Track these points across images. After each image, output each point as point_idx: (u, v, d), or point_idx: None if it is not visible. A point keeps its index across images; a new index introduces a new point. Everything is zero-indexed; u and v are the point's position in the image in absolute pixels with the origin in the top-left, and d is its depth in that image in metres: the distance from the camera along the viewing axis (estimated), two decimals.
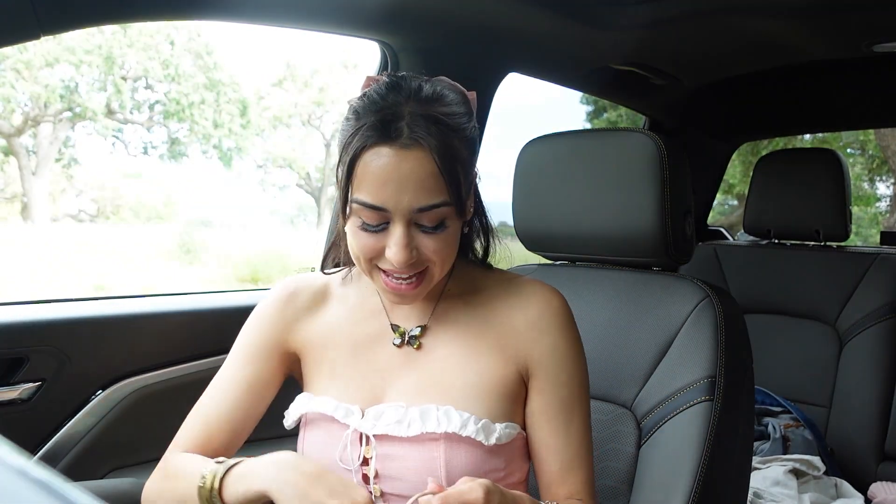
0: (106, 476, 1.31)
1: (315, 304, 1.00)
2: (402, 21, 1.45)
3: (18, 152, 10.55)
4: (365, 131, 0.82)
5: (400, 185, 0.81)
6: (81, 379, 1.28)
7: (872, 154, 9.59)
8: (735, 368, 1.07)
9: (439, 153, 0.82)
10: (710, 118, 2.52)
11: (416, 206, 0.82)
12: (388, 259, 0.84)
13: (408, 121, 0.82)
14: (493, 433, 0.87)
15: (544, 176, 1.25)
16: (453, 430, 0.86)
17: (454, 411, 0.87)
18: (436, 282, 0.90)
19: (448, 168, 0.82)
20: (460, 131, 0.86)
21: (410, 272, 0.86)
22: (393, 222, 0.83)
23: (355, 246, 0.87)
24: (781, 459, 1.82)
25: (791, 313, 2.17)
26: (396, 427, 0.88)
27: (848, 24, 1.68)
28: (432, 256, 0.85)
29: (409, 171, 0.81)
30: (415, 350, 0.94)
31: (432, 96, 0.85)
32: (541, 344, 0.93)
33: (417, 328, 0.95)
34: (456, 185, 0.84)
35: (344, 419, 0.90)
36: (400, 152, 0.81)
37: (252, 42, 19.80)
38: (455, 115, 0.85)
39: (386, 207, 0.82)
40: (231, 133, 11.60)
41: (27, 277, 8.22)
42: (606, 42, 1.69)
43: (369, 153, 0.82)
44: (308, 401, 0.94)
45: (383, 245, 0.84)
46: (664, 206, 1.11)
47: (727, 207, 9.98)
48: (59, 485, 0.29)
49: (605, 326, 1.17)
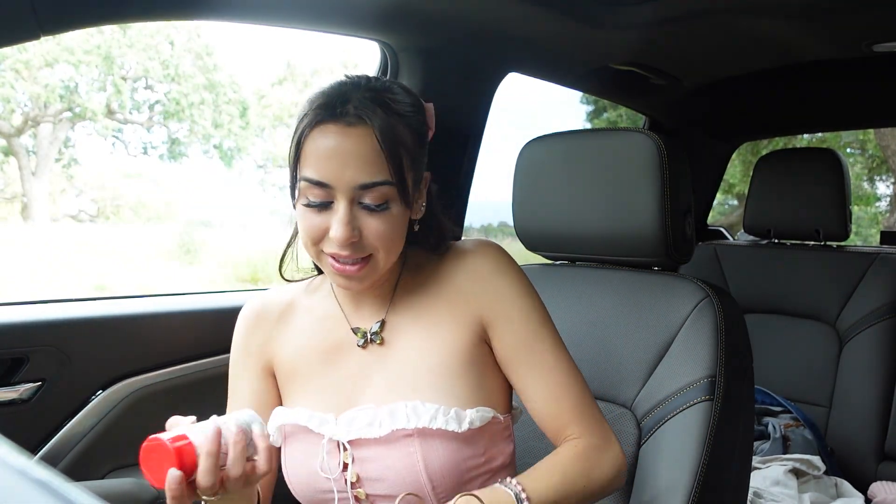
0: (106, 476, 1.31)
1: (282, 319, 1.01)
2: (402, 21, 1.45)
3: (18, 152, 10.54)
4: (313, 111, 0.85)
5: (343, 160, 0.83)
6: (81, 379, 1.28)
7: (872, 154, 9.58)
8: (735, 368, 1.07)
9: (382, 131, 0.84)
10: (710, 118, 2.52)
11: (358, 182, 0.83)
12: (331, 238, 0.85)
13: (355, 102, 0.85)
14: (464, 419, 0.87)
15: (544, 176, 1.25)
16: (423, 425, 0.86)
17: (422, 405, 0.87)
18: (382, 270, 0.90)
19: (390, 148, 0.84)
20: (406, 117, 0.88)
21: (354, 255, 0.86)
22: (336, 200, 0.84)
23: (302, 228, 0.88)
24: (781, 459, 1.82)
25: (791, 313, 2.17)
26: (368, 429, 0.88)
27: (848, 24, 1.68)
28: (375, 241, 0.86)
29: (351, 146, 0.83)
30: (379, 347, 0.95)
31: (381, 87, 0.88)
32: (486, 293, 0.93)
33: (377, 324, 0.95)
34: (398, 166, 0.85)
35: (318, 428, 0.91)
36: (345, 129, 0.84)
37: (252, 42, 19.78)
38: (402, 104, 0.88)
39: (329, 183, 0.83)
40: (231, 133, 11.60)
41: (27, 277, 8.22)
42: (606, 42, 1.69)
43: (316, 131, 0.85)
44: (283, 413, 0.95)
45: (327, 226, 0.85)
46: (664, 206, 1.11)
47: (727, 207, 9.97)
48: (59, 485, 0.29)
49: (605, 326, 1.17)
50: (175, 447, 0.71)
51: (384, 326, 0.96)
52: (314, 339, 0.97)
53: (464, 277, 0.95)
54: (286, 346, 0.99)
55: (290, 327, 1.00)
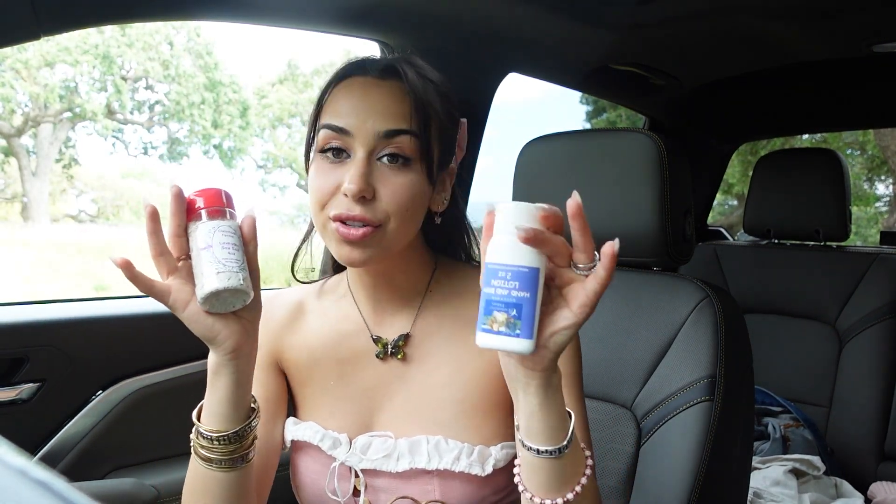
0: (106, 476, 1.31)
1: (292, 320, 0.95)
2: (402, 21, 1.45)
3: (18, 152, 10.55)
4: (340, 69, 0.83)
5: (367, 109, 0.79)
6: (81, 379, 1.28)
7: (872, 154, 9.59)
8: (735, 368, 1.07)
9: (414, 88, 0.80)
10: (710, 118, 2.52)
11: (380, 130, 0.78)
12: (342, 194, 0.78)
13: (386, 61, 0.82)
14: (488, 460, 0.82)
15: (544, 176, 1.25)
16: (445, 466, 0.81)
17: (444, 442, 0.82)
18: (389, 246, 0.81)
19: (417, 101, 0.80)
20: (438, 86, 0.84)
21: (363, 215, 0.77)
22: (354, 151, 0.79)
23: (313, 188, 0.81)
24: (781, 459, 1.82)
25: (791, 313, 2.17)
26: (385, 462, 0.84)
27: (848, 24, 1.68)
28: (388, 205, 0.78)
29: (377, 97, 0.79)
30: (400, 362, 0.88)
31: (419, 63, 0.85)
32: None
33: (399, 337, 0.88)
34: (424, 121, 0.80)
35: (330, 451, 0.87)
36: (373, 80, 0.81)
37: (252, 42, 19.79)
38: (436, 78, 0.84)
39: (349, 129, 0.78)
40: (231, 134, 11.61)
41: (27, 277, 8.22)
42: (606, 42, 1.69)
43: (342, 84, 0.82)
44: (294, 427, 0.91)
45: (340, 183, 0.78)
46: (664, 206, 1.11)
47: (727, 207, 9.98)
48: (60, 485, 0.29)
49: (605, 326, 1.17)
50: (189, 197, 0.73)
51: (408, 341, 0.89)
52: (329, 345, 0.91)
53: None
54: (298, 350, 0.93)
55: (300, 330, 0.94)
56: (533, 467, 0.70)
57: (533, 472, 0.70)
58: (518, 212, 0.62)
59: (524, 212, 0.62)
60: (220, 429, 0.76)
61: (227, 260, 0.70)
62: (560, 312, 0.63)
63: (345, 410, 0.89)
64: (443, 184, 0.87)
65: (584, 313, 0.63)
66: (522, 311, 0.60)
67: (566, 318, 0.63)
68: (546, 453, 0.68)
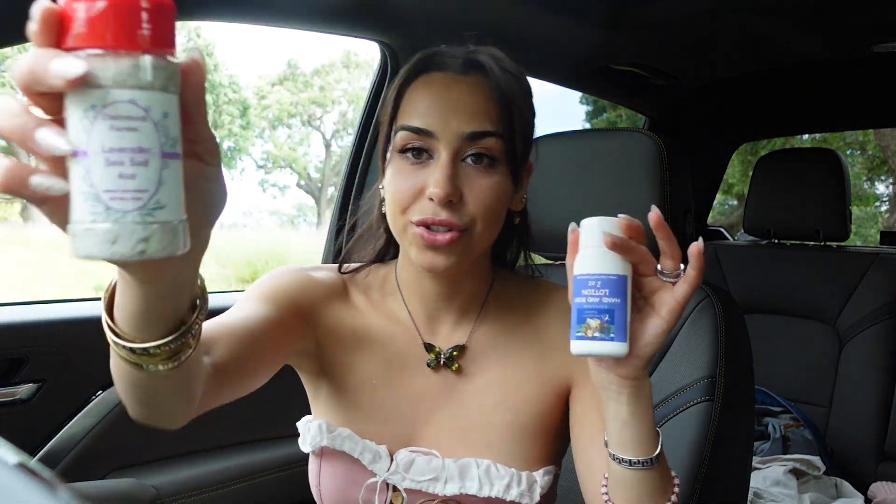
0: (106, 476, 1.31)
1: (340, 293, 0.85)
2: (402, 21, 1.45)
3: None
4: (415, 62, 0.79)
5: (449, 108, 0.74)
6: (81, 379, 1.28)
7: (872, 154, 9.59)
8: (735, 368, 1.07)
9: (498, 84, 0.76)
10: (710, 118, 2.52)
11: (465, 131, 0.73)
12: (427, 197, 0.73)
13: (466, 55, 0.77)
14: (534, 486, 0.79)
15: (544, 176, 1.24)
16: (497, 495, 0.78)
17: (495, 468, 0.79)
18: (474, 252, 0.77)
19: (501, 99, 0.75)
20: (520, 80, 0.79)
21: (450, 220, 0.73)
22: (438, 153, 0.74)
23: (393, 191, 0.76)
24: (781, 459, 1.82)
25: (791, 313, 2.17)
26: (432, 484, 0.80)
27: (848, 24, 1.68)
28: (475, 208, 0.74)
29: (459, 95, 0.75)
30: (453, 374, 0.83)
31: (499, 53, 0.79)
32: None
33: (455, 347, 0.84)
34: (509, 120, 0.76)
35: (370, 465, 0.81)
36: (454, 77, 0.76)
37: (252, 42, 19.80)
38: (519, 73, 0.79)
39: (431, 131, 0.74)
40: (231, 134, 11.61)
41: (27, 277, 8.22)
42: (606, 42, 1.69)
43: (420, 80, 0.77)
44: (327, 432, 0.82)
45: (423, 186, 0.74)
46: (664, 206, 1.11)
47: (727, 207, 9.97)
48: (59, 485, 0.29)
49: None
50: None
51: (463, 353, 0.84)
52: (378, 339, 0.84)
53: (555, 328, 0.84)
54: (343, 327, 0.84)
55: (348, 308, 0.85)
56: (624, 481, 0.69)
57: (623, 487, 0.69)
58: (602, 224, 0.64)
59: (607, 223, 0.64)
60: (139, 338, 0.53)
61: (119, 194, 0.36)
62: (649, 321, 0.64)
63: (384, 418, 0.83)
64: (522, 182, 0.84)
65: (674, 319, 0.64)
66: (615, 315, 0.62)
67: (656, 326, 0.64)
68: (638, 464, 0.67)
